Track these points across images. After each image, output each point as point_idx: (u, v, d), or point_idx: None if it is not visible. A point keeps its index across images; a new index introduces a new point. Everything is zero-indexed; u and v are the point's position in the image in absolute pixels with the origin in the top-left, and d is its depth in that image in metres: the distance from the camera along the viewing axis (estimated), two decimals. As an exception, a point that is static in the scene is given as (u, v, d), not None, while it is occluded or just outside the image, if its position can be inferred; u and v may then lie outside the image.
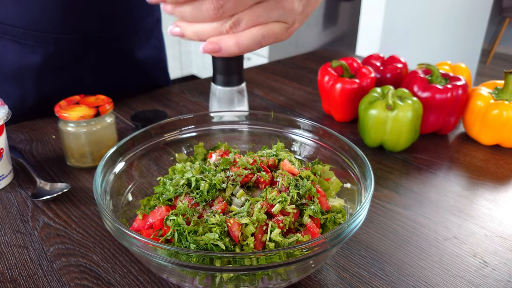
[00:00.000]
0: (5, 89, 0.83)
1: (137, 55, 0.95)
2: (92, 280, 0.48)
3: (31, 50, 0.80)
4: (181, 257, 0.37)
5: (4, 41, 0.79)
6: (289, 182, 0.47)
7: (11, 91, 0.84)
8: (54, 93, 0.85)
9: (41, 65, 0.82)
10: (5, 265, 0.50)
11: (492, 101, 0.74)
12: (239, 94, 0.79)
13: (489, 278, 0.48)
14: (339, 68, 0.85)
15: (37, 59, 0.81)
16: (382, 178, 0.67)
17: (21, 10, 0.77)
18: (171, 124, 0.60)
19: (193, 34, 0.43)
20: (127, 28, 0.90)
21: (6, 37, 0.79)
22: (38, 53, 0.81)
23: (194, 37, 0.43)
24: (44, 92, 0.85)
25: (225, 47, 0.43)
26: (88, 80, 0.90)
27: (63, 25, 0.80)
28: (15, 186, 0.64)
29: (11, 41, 0.79)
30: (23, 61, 0.81)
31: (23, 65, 0.81)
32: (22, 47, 0.80)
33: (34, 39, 0.80)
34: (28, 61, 0.81)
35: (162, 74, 1.06)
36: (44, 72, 0.83)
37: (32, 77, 0.83)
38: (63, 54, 0.84)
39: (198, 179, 0.47)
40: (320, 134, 0.58)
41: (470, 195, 0.63)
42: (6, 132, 0.63)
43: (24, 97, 0.85)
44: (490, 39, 4.44)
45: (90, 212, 0.59)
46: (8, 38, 0.79)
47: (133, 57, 0.94)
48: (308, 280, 0.48)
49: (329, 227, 0.47)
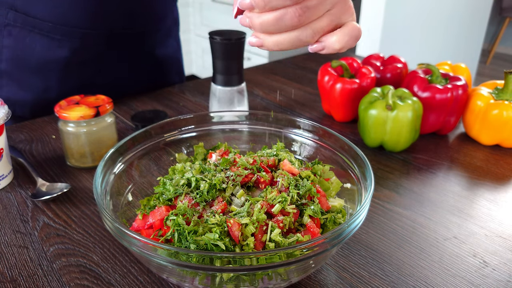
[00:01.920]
0: (29, 80, 0.85)
1: (157, 53, 0.98)
2: (92, 280, 0.48)
3: (58, 44, 0.82)
4: (181, 257, 0.37)
5: (33, 35, 0.81)
6: (289, 182, 0.47)
7: (34, 83, 0.86)
8: (76, 87, 0.88)
9: (67, 59, 0.84)
10: (5, 265, 0.50)
11: (492, 101, 0.74)
12: (239, 94, 0.79)
13: (489, 278, 0.48)
14: (339, 68, 0.85)
15: (63, 53, 0.84)
16: (382, 178, 0.67)
17: (53, 5, 0.79)
18: (171, 124, 0.60)
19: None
20: (149, 25, 0.93)
21: (35, 31, 0.81)
22: (65, 47, 0.83)
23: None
24: (67, 86, 0.88)
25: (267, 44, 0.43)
26: (108, 76, 0.92)
27: (91, 20, 0.83)
28: (15, 186, 0.64)
29: (39, 35, 0.81)
30: (49, 54, 0.83)
31: (50, 58, 0.83)
32: (50, 41, 0.82)
33: (62, 34, 0.82)
34: (54, 55, 0.83)
35: (178, 74, 1.10)
36: (69, 66, 0.86)
37: (57, 71, 0.85)
38: (88, 49, 0.86)
39: (198, 179, 0.47)
40: (320, 134, 0.58)
41: (470, 195, 0.63)
42: (6, 132, 0.63)
43: (46, 90, 0.87)
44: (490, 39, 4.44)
45: (90, 212, 0.59)
46: (37, 32, 0.81)
47: (153, 55, 0.98)
48: (308, 280, 0.48)
49: (329, 227, 0.47)
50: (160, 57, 1.00)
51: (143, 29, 0.92)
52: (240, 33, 0.75)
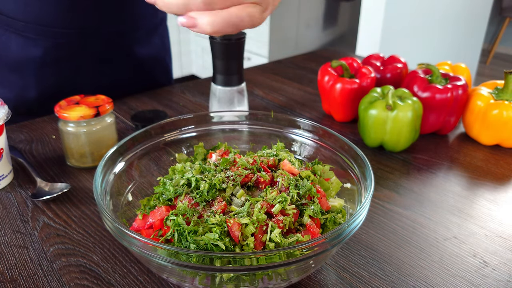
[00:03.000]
0: (9, 78, 0.85)
1: (136, 52, 0.96)
2: (92, 280, 0.48)
3: (33, 43, 0.82)
4: (181, 257, 0.37)
5: (8, 34, 0.81)
6: (289, 182, 0.47)
7: (14, 81, 0.86)
8: (54, 87, 0.87)
9: (42, 58, 0.84)
10: (5, 265, 0.50)
11: (492, 101, 0.74)
12: (239, 94, 0.79)
13: (489, 278, 0.48)
14: (339, 68, 0.85)
15: (38, 52, 0.83)
16: (382, 178, 0.67)
17: (24, 3, 0.78)
18: (171, 124, 0.60)
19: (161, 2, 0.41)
20: (125, 23, 0.91)
21: (10, 30, 0.81)
22: (39, 46, 0.83)
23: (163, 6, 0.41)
24: (44, 84, 0.87)
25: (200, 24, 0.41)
26: (88, 75, 0.91)
27: (63, 19, 0.82)
28: (15, 186, 0.64)
29: (14, 34, 0.81)
30: (25, 53, 0.83)
31: (25, 57, 0.83)
32: (25, 40, 0.82)
33: (36, 33, 0.81)
34: (30, 53, 0.83)
35: (164, 74, 1.06)
36: (44, 65, 0.85)
37: (33, 69, 0.85)
38: (62, 47, 0.85)
39: (198, 179, 0.47)
40: (320, 134, 0.58)
41: (470, 195, 0.63)
42: (6, 132, 0.63)
43: (25, 88, 0.86)
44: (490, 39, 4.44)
45: (90, 212, 0.59)
46: (12, 30, 0.81)
47: (131, 54, 0.95)
48: (308, 280, 0.48)
49: (329, 227, 0.47)
50: (141, 57, 0.97)
51: (119, 28, 0.90)
52: (240, 33, 0.75)
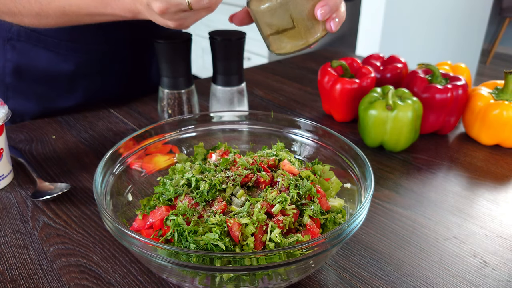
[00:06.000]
0: (35, 92, 0.86)
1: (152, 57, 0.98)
2: (92, 280, 0.48)
3: (64, 58, 0.83)
4: (181, 257, 0.37)
5: (37, 49, 0.81)
6: (289, 182, 0.47)
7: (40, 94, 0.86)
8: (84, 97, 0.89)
9: (73, 72, 0.85)
10: (5, 265, 0.50)
11: (492, 101, 0.74)
12: (239, 94, 0.79)
13: (489, 278, 0.48)
14: (339, 68, 0.85)
15: (69, 67, 0.84)
16: (382, 178, 0.67)
17: None
18: (171, 124, 0.60)
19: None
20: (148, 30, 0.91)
21: (40, 45, 0.81)
22: (70, 61, 0.84)
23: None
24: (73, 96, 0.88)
25: None
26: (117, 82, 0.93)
27: (94, 35, 0.83)
28: (15, 186, 0.64)
29: (44, 49, 0.82)
30: (55, 68, 0.84)
31: (56, 71, 0.84)
32: (55, 55, 0.82)
33: (67, 49, 0.82)
34: (60, 68, 0.84)
35: None
36: (74, 78, 0.86)
37: (63, 82, 0.86)
38: (93, 61, 0.86)
39: (198, 179, 0.47)
40: (320, 134, 0.58)
41: (470, 195, 0.63)
42: (6, 132, 0.63)
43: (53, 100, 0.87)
44: (490, 39, 4.44)
45: (90, 212, 0.59)
46: (42, 46, 0.81)
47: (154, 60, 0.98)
48: (308, 280, 0.48)
49: (329, 227, 0.47)
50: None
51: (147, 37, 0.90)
52: (240, 33, 0.75)
